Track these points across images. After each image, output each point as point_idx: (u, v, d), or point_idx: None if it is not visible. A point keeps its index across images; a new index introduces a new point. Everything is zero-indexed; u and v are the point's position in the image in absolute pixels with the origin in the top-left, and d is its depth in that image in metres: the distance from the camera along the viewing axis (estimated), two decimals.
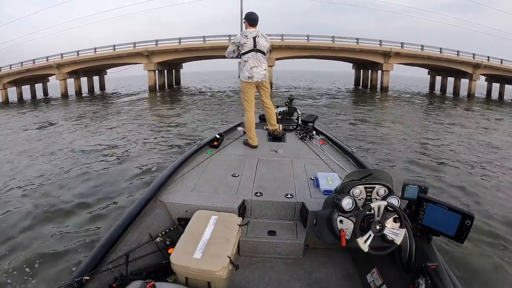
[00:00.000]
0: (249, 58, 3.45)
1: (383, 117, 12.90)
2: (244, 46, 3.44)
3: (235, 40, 3.51)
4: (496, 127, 11.79)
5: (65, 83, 26.12)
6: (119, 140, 8.48)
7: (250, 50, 3.44)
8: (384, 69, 25.00)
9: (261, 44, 3.46)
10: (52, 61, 25.46)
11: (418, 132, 9.86)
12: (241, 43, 3.45)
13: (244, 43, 3.44)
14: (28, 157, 7.15)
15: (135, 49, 24.80)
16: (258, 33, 3.45)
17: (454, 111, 16.10)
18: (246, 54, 3.46)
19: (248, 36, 3.43)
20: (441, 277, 1.38)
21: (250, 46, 3.44)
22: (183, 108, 15.10)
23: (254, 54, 3.45)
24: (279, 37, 23.65)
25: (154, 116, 12.90)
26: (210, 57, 27.57)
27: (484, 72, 25.77)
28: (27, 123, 12.61)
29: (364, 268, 1.95)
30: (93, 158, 6.70)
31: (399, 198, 1.68)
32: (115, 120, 12.07)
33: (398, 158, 6.75)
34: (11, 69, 25.70)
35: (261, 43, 3.46)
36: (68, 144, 8.28)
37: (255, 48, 3.44)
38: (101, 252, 1.66)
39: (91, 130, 10.21)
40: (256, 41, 3.43)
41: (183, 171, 2.81)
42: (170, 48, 24.67)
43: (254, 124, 3.64)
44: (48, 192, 4.89)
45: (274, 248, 2.14)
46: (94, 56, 25.36)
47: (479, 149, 7.90)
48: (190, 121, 11.09)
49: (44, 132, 10.46)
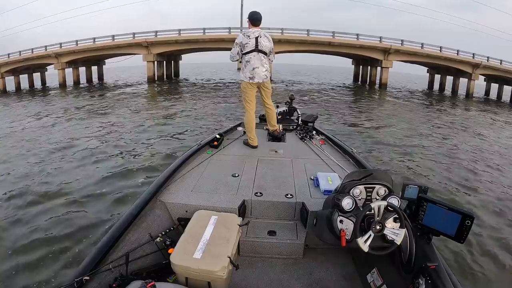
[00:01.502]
0: (250, 59, 3.43)
1: (382, 114, 12.91)
2: (246, 46, 3.42)
3: (238, 40, 3.47)
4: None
5: (63, 73, 25.92)
6: (110, 135, 8.22)
7: (252, 50, 3.42)
8: (384, 66, 24.95)
9: (263, 45, 3.43)
10: (50, 51, 25.24)
11: (415, 129, 9.90)
12: (243, 43, 3.42)
13: (246, 43, 3.41)
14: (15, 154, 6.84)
15: (134, 40, 24.67)
16: (260, 33, 3.42)
17: (453, 110, 16.08)
18: (248, 55, 3.43)
19: (251, 36, 3.40)
20: (441, 277, 1.38)
21: (252, 46, 3.41)
22: (183, 101, 14.94)
23: (256, 54, 3.43)
24: (279, 31, 23.53)
25: (152, 109, 12.69)
26: (210, 49, 27.48)
27: (483, 72, 25.74)
28: (20, 113, 12.37)
29: (364, 268, 1.95)
30: (87, 155, 6.53)
31: (399, 198, 1.68)
32: (111, 113, 11.81)
33: (397, 157, 6.75)
34: (9, 58, 25.47)
35: (263, 44, 3.43)
36: (60, 139, 8.05)
37: (257, 48, 3.41)
38: (101, 252, 1.65)
39: (85, 124, 9.94)
40: (258, 41, 3.40)
41: (183, 171, 2.81)
42: (169, 39, 24.52)
43: (254, 124, 3.64)
44: (40, 191, 4.76)
45: (274, 248, 2.14)
46: (93, 46, 25.17)
47: (481, 153, 7.90)
48: (190, 117, 10.92)
49: (38, 124, 10.20)
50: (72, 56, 25.47)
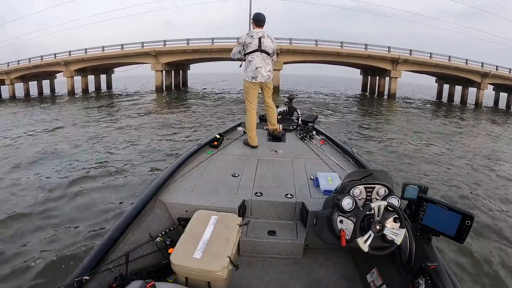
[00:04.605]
0: (253, 58, 3.47)
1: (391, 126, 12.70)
2: (249, 46, 3.47)
3: (241, 40, 3.52)
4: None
5: (72, 81, 26.29)
6: (116, 146, 8.14)
7: (255, 50, 3.46)
8: (392, 76, 24.90)
9: (266, 45, 3.47)
10: (60, 58, 25.63)
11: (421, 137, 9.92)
12: (246, 43, 3.47)
13: (249, 43, 3.46)
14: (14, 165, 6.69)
15: (143, 49, 24.93)
16: (264, 33, 3.47)
17: (462, 121, 15.77)
18: (251, 54, 3.48)
19: (254, 36, 3.45)
20: (441, 277, 1.38)
21: (255, 46, 3.46)
22: (191, 112, 14.99)
23: (259, 54, 3.47)
24: (287, 41, 23.63)
25: (160, 119, 12.60)
26: (218, 59, 27.62)
27: (492, 81, 25.56)
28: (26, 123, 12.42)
29: (364, 268, 1.95)
30: (91, 161, 6.61)
31: (399, 198, 1.68)
32: (119, 122, 11.87)
33: (398, 159, 6.84)
34: (19, 64, 25.91)
35: (266, 44, 3.47)
36: (68, 144, 8.20)
37: (259, 48, 3.46)
38: (101, 252, 1.65)
39: (92, 131, 10.02)
40: (261, 41, 3.44)
41: (183, 171, 2.81)
42: (178, 49, 24.74)
43: (255, 124, 3.65)
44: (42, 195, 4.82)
45: (274, 248, 2.14)
46: (101, 55, 25.50)
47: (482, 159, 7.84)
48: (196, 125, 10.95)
49: (47, 129, 10.39)
50: (81, 64, 25.77)
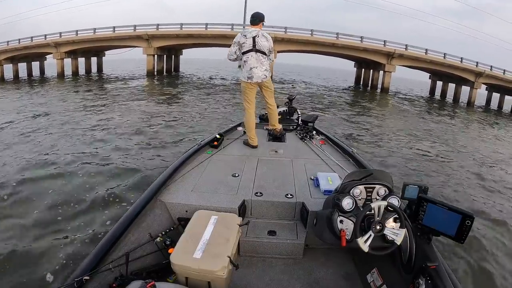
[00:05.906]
0: (248, 58, 3.43)
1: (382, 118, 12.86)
2: (243, 46, 3.42)
3: (235, 40, 3.47)
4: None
5: (62, 63, 25.61)
6: (105, 132, 7.83)
7: (249, 50, 3.42)
8: (386, 70, 24.77)
9: (261, 44, 3.43)
10: (50, 40, 24.89)
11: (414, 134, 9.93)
12: (241, 42, 3.42)
13: (243, 43, 3.41)
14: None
15: (135, 32, 24.37)
16: (258, 32, 3.42)
17: (452, 119, 15.90)
18: (246, 54, 3.43)
19: (247, 36, 3.40)
20: (441, 277, 1.38)
21: (249, 46, 3.41)
22: (181, 97, 14.80)
23: (254, 54, 3.42)
24: (282, 29, 23.29)
25: (151, 105, 12.20)
26: (211, 45, 27.22)
27: (486, 81, 25.53)
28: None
29: (364, 268, 1.96)
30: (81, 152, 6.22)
31: (399, 198, 1.68)
32: (106, 107, 11.42)
33: (397, 158, 6.82)
34: (8, 45, 25.11)
35: (261, 43, 3.42)
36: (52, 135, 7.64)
37: (254, 48, 3.41)
38: (101, 252, 1.65)
39: (77, 116, 9.53)
40: (256, 41, 3.39)
41: (183, 171, 2.81)
42: (171, 33, 24.21)
43: (254, 124, 3.63)
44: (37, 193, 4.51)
45: (274, 248, 2.14)
46: (93, 37, 24.90)
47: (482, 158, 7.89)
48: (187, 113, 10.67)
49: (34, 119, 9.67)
50: (71, 46, 25.09)
